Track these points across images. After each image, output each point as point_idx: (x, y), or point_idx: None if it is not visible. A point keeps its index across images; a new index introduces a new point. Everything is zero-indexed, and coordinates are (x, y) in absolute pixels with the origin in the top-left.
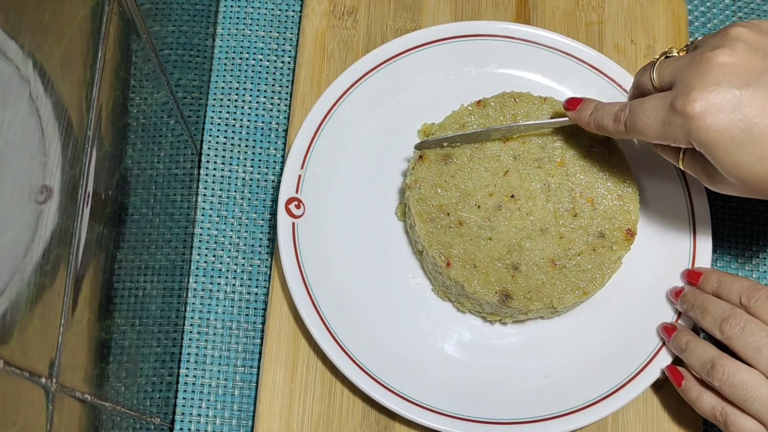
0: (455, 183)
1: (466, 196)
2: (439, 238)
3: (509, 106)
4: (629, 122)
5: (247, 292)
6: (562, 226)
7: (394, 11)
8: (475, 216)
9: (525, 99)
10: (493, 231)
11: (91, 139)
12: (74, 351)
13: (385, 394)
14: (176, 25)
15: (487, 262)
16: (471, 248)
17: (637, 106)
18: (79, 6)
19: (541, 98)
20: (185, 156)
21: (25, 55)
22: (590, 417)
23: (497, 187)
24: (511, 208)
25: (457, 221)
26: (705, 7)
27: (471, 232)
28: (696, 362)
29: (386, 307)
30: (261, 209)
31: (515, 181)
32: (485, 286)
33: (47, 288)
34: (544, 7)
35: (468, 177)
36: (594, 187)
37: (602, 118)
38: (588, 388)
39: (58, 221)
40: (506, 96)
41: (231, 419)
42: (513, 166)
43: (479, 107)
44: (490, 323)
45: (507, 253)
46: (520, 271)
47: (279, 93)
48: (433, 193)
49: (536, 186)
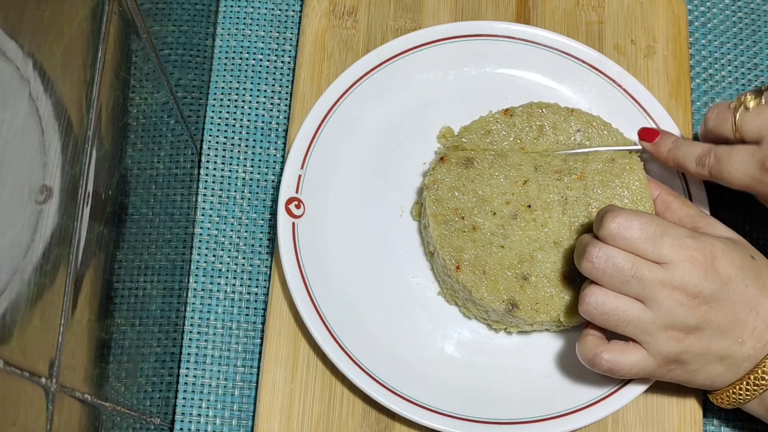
0: (473, 188)
1: (482, 202)
2: (451, 241)
3: (536, 116)
4: (715, 170)
5: (247, 292)
6: (577, 240)
7: (394, 11)
8: (490, 222)
9: (552, 110)
10: (506, 239)
11: (91, 139)
12: (74, 351)
13: (385, 394)
14: (176, 25)
15: (497, 269)
16: (482, 254)
17: (724, 156)
18: (79, 6)
19: (568, 109)
20: (185, 156)
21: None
22: (590, 417)
23: (515, 195)
24: (526, 218)
25: (471, 226)
26: (705, 7)
27: (484, 238)
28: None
29: (386, 307)
30: (261, 209)
31: (533, 191)
32: (493, 293)
33: (47, 288)
34: (544, 7)
35: (487, 183)
36: (611, 202)
37: (684, 158)
38: (588, 388)
39: (58, 221)
40: (533, 106)
41: (231, 419)
42: (533, 176)
43: (506, 116)
44: (495, 331)
45: (518, 263)
46: (529, 281)
47: (279, 93)
48: (450, 196)
49: (554, 198)
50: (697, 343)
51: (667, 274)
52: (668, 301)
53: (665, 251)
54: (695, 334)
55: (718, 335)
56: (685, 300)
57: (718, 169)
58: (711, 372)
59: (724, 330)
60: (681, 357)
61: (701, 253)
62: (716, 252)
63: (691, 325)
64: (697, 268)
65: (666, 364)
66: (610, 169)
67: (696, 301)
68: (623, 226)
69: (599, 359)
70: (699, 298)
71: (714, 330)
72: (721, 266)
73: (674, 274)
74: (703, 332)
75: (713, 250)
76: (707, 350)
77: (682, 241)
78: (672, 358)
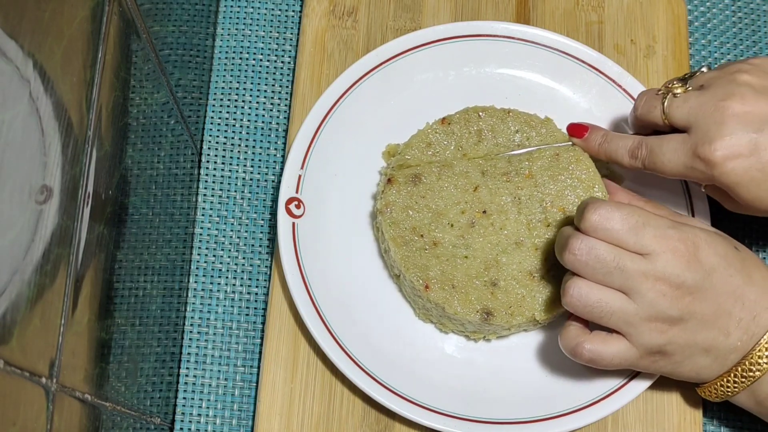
0: (426, 203)
1: (438, 216)
2: (415, 261)
3: (473, 121)
4: (648, 162)
5: (247, 292)
6: (537, 237)
7: (394, 11)
8: (449, 235)
9: (489, 113)
10: (468, 249)
11: (91, 139)
12: (74, 351)
13: (385, 393)
14: (176, 25)
15: (465, 281)
16: (448, 268)
17: (655, 147)
18: (79, 6)
19: (504, 110)
20: (185, 156)
21: (25, 55)
22: (590, 417)
23: (468, 203)
24: (484, 224)
25: (431, 242)
26: (705, 7)
27: (447, 252)
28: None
29: (386, 306)
30: (261, 209)
31: (485, 196)
32: (466, 305)
33: (47, 288)
34: (544, 7)
35: (438, 196)
36: (564, 195)
37: (616, 152)
38: (588, 388)
39: (58, 221)
40: (470, 111)
41: (231, 419)
42: (482, 181)
43: (444, 125)
44: (474, 341)
45: (484, 270)
46: (499, 287)
47: (279, 93)
48: (405, 216)
49: (507, 200)
50: (681, 334)
51: (650, 265)
52: (651, 293)
53: (647, 242)
54: (679, 326)
55: (703, 326)
56: (668, 291)
57: (651, 160)
58: (696, 364)
59: (708, 321)
60: (665, 348)
61: (684, 243)
62: (699, 242)
63: (674, 317)
64: (679, 258)
65: (649, 355)
66: (557, 163)
67: (679, 292)
68: (605, 218)
69: (581, 349)
70: (682, 289)
71: (698, 321)
72: (704, 256)
73: (657, 265)
74: (687, 323)
75: (696, 240)
76: (692, 342)
77: (664, 231)
78: (655, 349)
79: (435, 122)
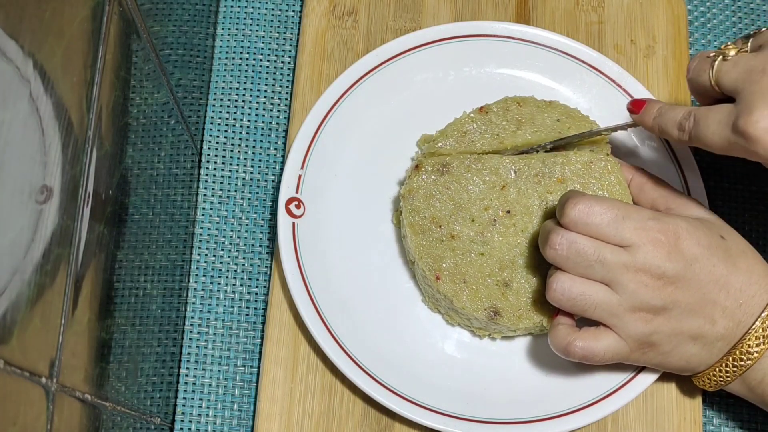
0: (450, 195)
1: (460, 209)
2: (429, 250)
3: (512, 110)
4: (694, 134)
5: (247, 292)
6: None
7: (394, 11)
8: (468, 230)
9: (528, 103)
10: (485, 246)
11: (91, 139)
12: (74, 351)
13: (385, 394)
14: (176, 25)
15: (477, 277)
16: (462, 262)
17: (701, 118)
18: (79, 6)
19: (545, 102)
20: (185, 156)
21: (25, 55)
22: (590, 417)
23: (493, 201)
24: (506, 223)
25: (449, 234)
26: (705, 7)
27: (463, 246)
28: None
29: (386, 306)
30: (261, 209)
31: (513, 195)
32: (474, 301)
33: (47, 288)
34: (544, 7)
35: (463, 189)
36: None
37: (666, 124)
38: (588, 388)
39: (59, 221)
40: (509, 101)
41: (231, 419)
42: (512, 180)
43: (482, 113)
44: (479, 338)
45: (499, 270)
46: (511, 288)
47: (279, 93)
48: (426, 205)
49: (534, 202)
50: (665, 323)
51: (630, 256)
52: (633, 284)
53: (627, 234)
54: (663, 315)
55: (688, 315)
56: (650, 281)
57: (695, 132)
58: (685, 353)
59: (693, 310)
60: (651, 338)
61: (664, 234)
62: (680, 232)
63: (657, 306)
64: (660, 249)
65: (639, 346)
66: (589, 171)
67: (660, 282)
68: (584, 212)
69: (573, 347)
70: (663, 279)
71: (682, 310)
72: (685, 246)
73: (637, 257)
74: (671, 312)
75: (677, 231)
76: (677, 330)
77: (644, 223)
78: (643, 339)
79: (473, 110)
